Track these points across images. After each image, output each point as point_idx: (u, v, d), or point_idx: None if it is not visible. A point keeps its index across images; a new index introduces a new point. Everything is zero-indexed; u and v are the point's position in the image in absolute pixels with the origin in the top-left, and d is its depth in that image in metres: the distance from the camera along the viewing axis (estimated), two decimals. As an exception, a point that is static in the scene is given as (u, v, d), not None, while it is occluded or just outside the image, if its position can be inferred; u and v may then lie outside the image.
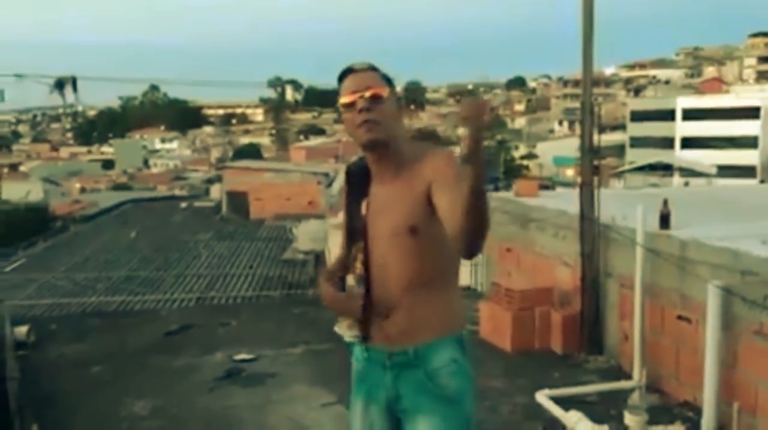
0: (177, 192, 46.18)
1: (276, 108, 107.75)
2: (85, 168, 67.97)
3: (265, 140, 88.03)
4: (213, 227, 27.84)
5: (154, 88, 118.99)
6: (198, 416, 4.69)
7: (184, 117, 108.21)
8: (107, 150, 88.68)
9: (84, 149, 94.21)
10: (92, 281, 17.83)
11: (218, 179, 39.10)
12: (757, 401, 3.92)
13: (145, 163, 79.31)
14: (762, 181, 31.78)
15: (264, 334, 6.79)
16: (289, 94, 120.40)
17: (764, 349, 3.86)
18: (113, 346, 6.39)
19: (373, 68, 1.98)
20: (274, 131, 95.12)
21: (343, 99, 1.95)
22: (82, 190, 48.61)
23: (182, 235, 25.70)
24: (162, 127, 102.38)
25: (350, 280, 2.01)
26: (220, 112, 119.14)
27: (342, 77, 1.98)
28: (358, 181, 2.03)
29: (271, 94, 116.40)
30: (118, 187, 53.40)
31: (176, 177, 59.99)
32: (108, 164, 76.76)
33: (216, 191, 37.06)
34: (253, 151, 68.01)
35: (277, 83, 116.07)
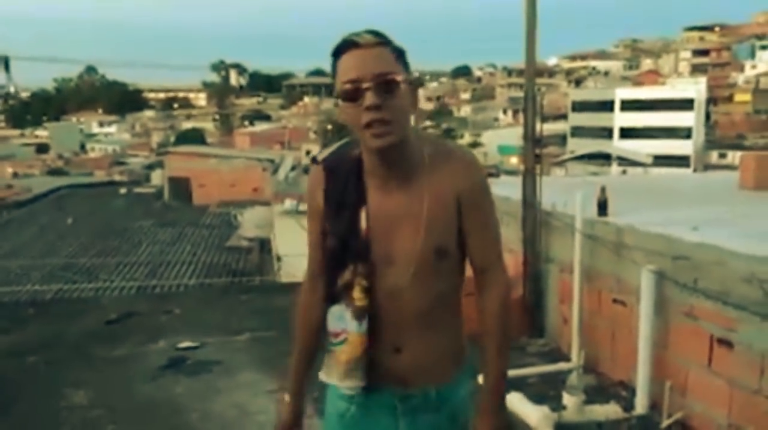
0: (116, 178, 45.00)
1: (220, 92, 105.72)
2: (18, 152, 65.30)
3: (208, 125, 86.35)
4: (154, 214, 27.30)
5: (91, 69, 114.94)
6: (140, 405, 4.62)
7: (123, 100, 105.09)
8: (41, 133, 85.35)
9: (16, 132, 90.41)
10: (27, 269, 17.24)
11: (160, 165, 38.31)
12: (687, 380, 4.11)
13: (82, 147, 76.75)
14: (695, 171, 33.09)
15: (208, 322, 6.71)
16: (234, 78, 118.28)
17: (694, 330, 4.05)
18: (50, 335, 6.21)
19: (382, 41, 1.48)
20: (217, 116, 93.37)
21: (343, 86, 1.47)
22: (15, 175, 46.74)
23: (122, 222, 25.11)
24: (100, 111, 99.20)
25: (336, 313, 1.61)
26: (162, 95, 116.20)
27: (339, 52, 1.49)
28: (346, 183, 1.57)
29: (214, 78, 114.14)
30: (54, 172, 51.59)
31: (115, 162, 58.38)
32: (42, 148, 73.94)
33: (157, 177, 36.31)
34: (196, 137, 66.69)
35: (220, 67, 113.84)
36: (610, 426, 4.17)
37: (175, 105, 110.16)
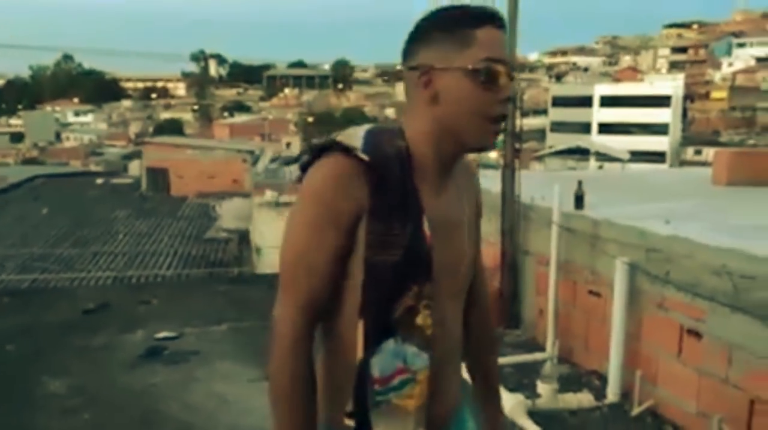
0: (93, 168, 44.47)
1: (199, 83, 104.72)
2: (-8, 141, 64.18)
3: (187, 116, 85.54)
4: (132, 205, 27.04)
5: (67, 57, 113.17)
6: (119, 394, 4.62)
7: (100, 89, 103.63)
8: (16, 122, 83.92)
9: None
10: (1, 259, 17.01)
11: (137, 155, 37.95)
12: (658, 369, 4.22)
13: (58, 136, 75.61)
14: (671, 166, 33.55)
15: (187, 312, 6.71)
16: (213, 68, 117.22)
17: (665, 321, 4.15)
18: (27, 324, 6.17)
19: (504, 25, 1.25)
20: (196, 107, 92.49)
21: (489, 64, 1.18)
22: (-11, 163, 45.97)
23: (99, 212, 24.84)
24: (76, 100, 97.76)
25: (390, 350, 1.22)
26: (140, 85, 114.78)
27: (479, 21, 1.19)
28: (400, 181, 1.21)
29: (193, 68, 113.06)
30: (28, 161, 50.87)
31: (92, 152, 57.66)
32: (17, 137, 72.71)
33: (135, 168, 35.97)
34: (174, 127, 66.10)
35: (200, 57, 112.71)
36: (582, 414, 4.26)
37: (154, 95, 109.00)
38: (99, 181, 33.96)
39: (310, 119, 65.17)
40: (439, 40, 1.19)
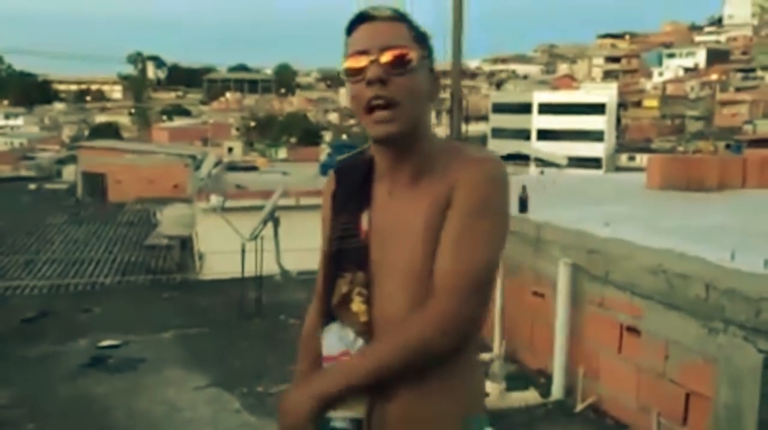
0: (24, 173, 42.77)
1: (136, 85, 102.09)
2: None
3: (124, 119, 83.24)
4: (67, 211, 26.13)
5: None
6: (63, 404, 4.51)
7: (31, 91, 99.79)
8: (-60, 125, 79.98)
9: None
10: (-74, 269, 16.15)
11: (72, 160, 36.70)
12: (599, 366, 4.39)
13: (-14, 140, 72.33)
14: (606, 172, 34.69)
15: (130, 319, 6.58)
16: (151, 71, 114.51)
17: (605, 319, 4.33)
18: (-40, 335, 5.93)
19: (400, 17, 1.30)
20: (133, 110, 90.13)
21: (348, 61, 1.28)
22: None
23: (32, 218, 23.91)
24: (5, 102, 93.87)
25: (334, 333, 1.31)
26: (74, 87, 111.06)
27: (352, 27, 1.30)
28: (354, 184, 1.36)
29: (130, 70, 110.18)
30: (-45, 166, 48.46)
31: (23, 156, 55.40)
32: (-59, 141, 69.30)
33: (70, 172, 34.79)
34: (110, 131, 64.22)
35: (137, 59, 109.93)
36: (529, 411, 4.40)
37: (88, 98, 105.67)
38: (32, 186, 32.71)
39: (253, 124, 64.43)
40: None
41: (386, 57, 1.24)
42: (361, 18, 1.29)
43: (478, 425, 1.32)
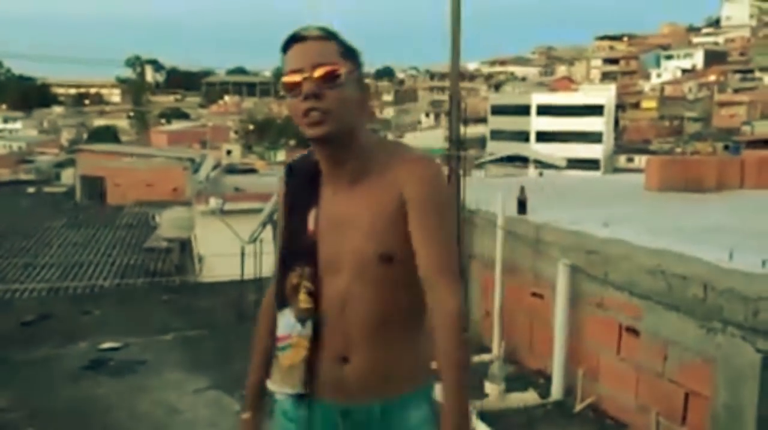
0: (23, 176, 42.73)
1: (135, 89, 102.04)
2: None
3: (122, 123, 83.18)
4: (66, 214, 26.13)
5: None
6: (63, 406, 4.51)
7: (30, 95, 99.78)
8: (-61, 129, 79.94)
9: None
10: (-74, 272, 16.15)
11: (71, 163, 36.65)
12: (599, 366, 4.40)
13: (-15, 144, 72.26)
14: (604, 173, 34.73)
15: (130, 322, 6.58)
16: (150, 74, 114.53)
17: (604, 320, 4.34)
18: (-40, 339, 5.93)
19: (328, 35, 1.48)
20: (132, 114, 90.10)
21: (285, 78, 1.46)
22: None
23: (30, 222, 23.91)
24: (4, 106, 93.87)
25: (284, 318, 1.53)
26: (72, 91, 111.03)
27: (286, 47, 1.48)
28: (303, 184, 1.55)
29: (129, 74, 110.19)
30: (-47, 169, 48.40)
31: (21, 160, 55.37)
32: (-60, 145, 69.24)
33: (68, 176, 34.75)
34: (109, 134, 64.20)
35: (136, 62, 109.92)
36: (528, 412, 4.41)
37: (87, 101, 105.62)
38: (30, 190, 32.71)
39: (252, 127, 64.43)
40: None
41: (318, 73, 1.42)
42: (294, 38, 1.47)
43: (432, 384, 1.55)
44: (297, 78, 1.43)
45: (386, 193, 1.48)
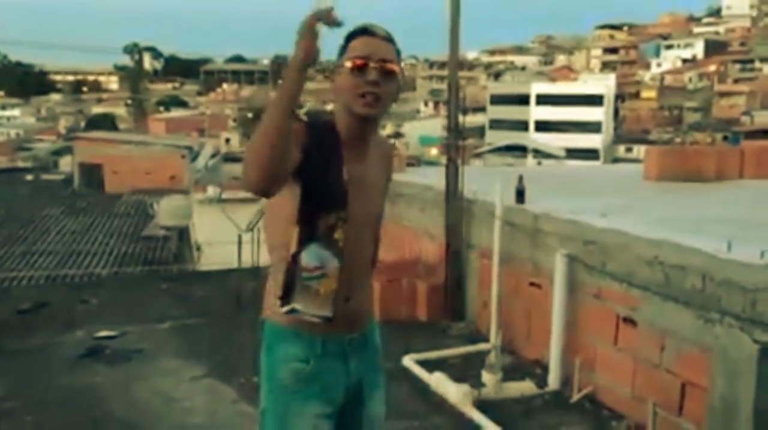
0: (20, 164, 42.63)
1: (133, 76, 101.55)
2: None
3: (120, 110, 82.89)
4: (64, 202, 26.10)
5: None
6: (58, 395, 4.50)
7: (27, 82, 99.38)
8: (-64, 116, 79.62)
9: None
10: None
11: (69, 151, 36.56)
12: (596, 357, 4.40)
13: (-18, 131, 71.98)
14: (604, 163, 34.69)
15: (128, 310, 6.57)
16: (148, 62, 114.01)
17: (602, 310, 4.33)
18: (-43, 326, 5.92)
19: (391, 38, 1.81)
20: (130, 101, 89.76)
21: (352, 61, 1.75)
22: None
23: (28, 210, 23.89)
24: (1, 93, 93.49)
25: (314, 251, 1.75)
26: (70, 78, 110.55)
27: (353, 36, 1.79)
28: (328, 144, 1.79)
29: (127, 61, 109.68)
30: (-49, 157, 48.23)
31: (19, 147, 55.20)
32: (-63, 131, 69.01)
33: (66, 163, 34.71)
34: (107, 122, 64.01)
35: (133, 50, 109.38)
36: (525, 402, 4.41)
37: (85, 88, 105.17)
38: (28, 177, 32.65)
39: (250, 115, 64.23)
40: (338, 54, 1.82)
41: (384, 67, 1.76)
42: (364, 31, 1.79)
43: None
44: (368, 63, 1.74)
45: (386, 164, 1.97)
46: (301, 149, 1.72)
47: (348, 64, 1.76)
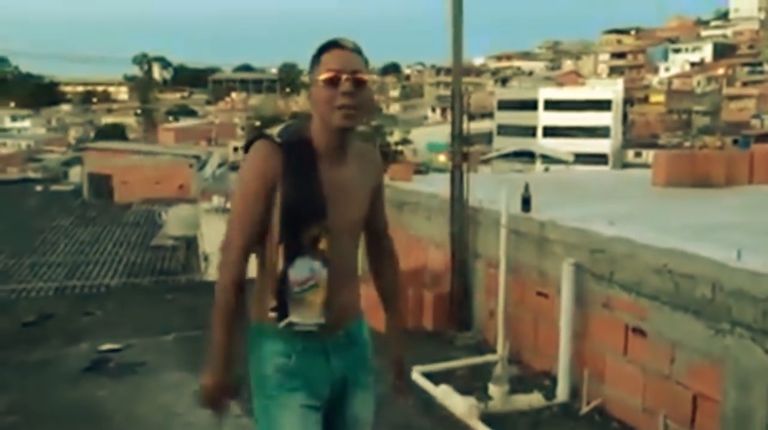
0: (31, 174, 42.89)
1: (142, 86, 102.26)
2: None
3: (130, 120, 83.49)
4: (73, 212, 26.20)
5: (2, 60, 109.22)
6: (60, 410, 4.45)
7: (38, 93, 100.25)
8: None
9: None
10: (-67, 271, 16.21)
11: (78, 161, 36.76)
12: (605, 367, 4.31)
13: (-6, 142, 72.59)
14: (613, 168, 34.51)
15: (132, 322, 6.52)
16: (157, 72, 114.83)
17: (610, 320, 4.25)
18: (-39, 340, 5.90)
19: (359, 50, 1.92)
20: (139, 111, 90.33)
21: (326, 74, 1.85)
22: None
23: (38, 221, 23.99)
24: (12, 104, 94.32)
25: (302, 264, 1.86)
26: (80, 89, 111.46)
27: (324, 50, 1.89)
28: (303, 157, 1.88)
29: (136, 71, 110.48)
30: (-38, 168, 48.64)
31: (29, 158, 55.64)
32: (-51, 143, 69.68)
33: (76, 174, 34.86)
34: (117, 132, 64.50)
35: (143, 60, 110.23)
36: (533, 414, 4.32)
37: (94, 99, 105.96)
38: (38, 188, 32.84)
39: (258, 123, 64.42)
40: (310, 67, 1.92)
41: (356, 77, 1.85)
42: (334, 45, 1.89)
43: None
44: (340, 76, 1.83)
45: (370, 172, 2.03)
46: (278, 169, 1.85)
47: (322, 77, 1.85)
